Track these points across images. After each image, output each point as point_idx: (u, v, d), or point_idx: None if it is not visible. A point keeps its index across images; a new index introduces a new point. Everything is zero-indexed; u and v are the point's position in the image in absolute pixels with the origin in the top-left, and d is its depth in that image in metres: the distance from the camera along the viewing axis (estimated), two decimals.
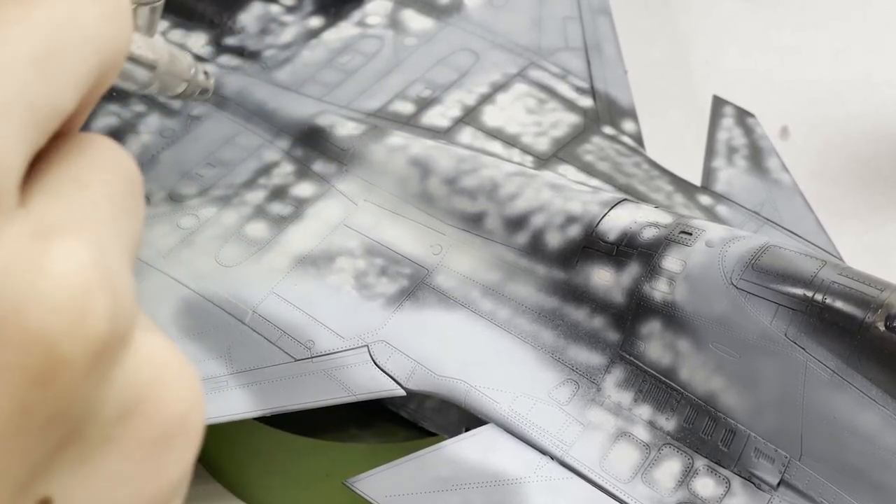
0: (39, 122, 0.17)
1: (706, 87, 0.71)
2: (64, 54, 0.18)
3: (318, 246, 0.56)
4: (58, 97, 0.18)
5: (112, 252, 0.18)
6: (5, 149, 0.16)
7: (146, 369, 0.19)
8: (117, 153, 0.20)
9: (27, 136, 0.17)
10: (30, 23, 0.17)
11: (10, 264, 0.16)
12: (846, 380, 0.44)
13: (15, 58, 0.17)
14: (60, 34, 0.18)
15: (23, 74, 0.17)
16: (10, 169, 0.17)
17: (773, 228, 0.58)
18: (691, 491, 0.47)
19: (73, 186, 0.18)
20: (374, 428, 0.55)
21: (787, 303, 0.46)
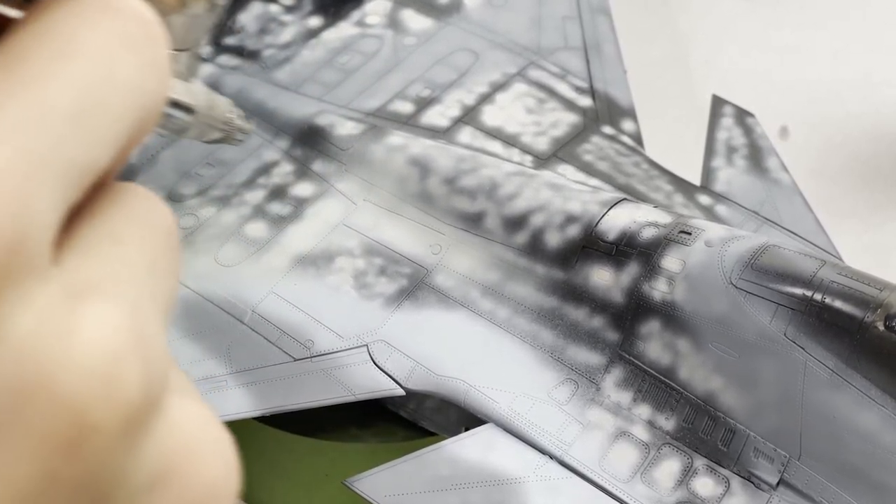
0: (75, 178, 0.17)
1: (706, 87, 0.71)
2: (101, 108, 0.17)
3: (318, 246, 0.56)
4: (94, 152, 0.17)
5: (146, 313, 0.17)
6: (39, 208, 0.16)
7: (178, 436, 0.18)
8: (154, 204, 0.19)
9: (62, 193, 0.17)
10: (66, 77, 0.17)
11: (41, 327, 0.16)
12: (845, 379, 0.44)
13: (50, 114, 0.16)
14: (97, 88, 0.17)
15: (58, 131, 0.16)
16: (44, 228, 0.16)
17: (772, 228, 0.58)
18: (690, 490, 0.47)
19: (108, 242, 0.18)
20: (373, 428, 0.55)
21: (787, 302, 0.46)
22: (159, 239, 0.19)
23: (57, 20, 0.17)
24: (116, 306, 0.17)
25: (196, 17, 0.28)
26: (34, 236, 0.16)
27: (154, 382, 0.17)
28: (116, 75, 0.18)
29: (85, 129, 0.17)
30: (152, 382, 0.17)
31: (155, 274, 0.18)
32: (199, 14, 0.27)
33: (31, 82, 0.16)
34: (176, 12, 0.27)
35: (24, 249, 0.16)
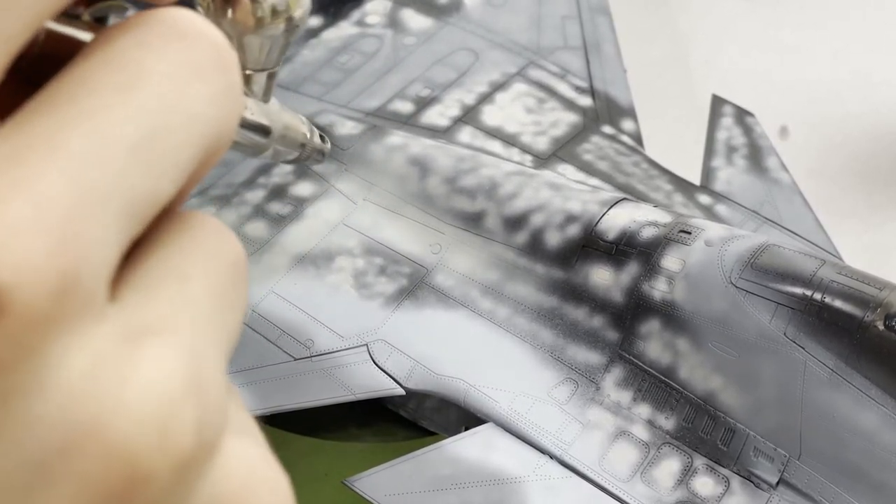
0: (137, 211, 0.16)
1: (705, 87, 0.71)
2: (166, 140, 0.16)
3: (318, 245, 0.56)
4: (158, 184, 0.16)
5: (207, 353, 0.17)
6: (96, 244, 0.15)
7: (233, 480, 0.17)
8: (222, 235, 0.18)
9: (123, 227, 0.16)
10: (130, 108, 0.16)
11: (94, 371, 0.15)
12: (845, 379, 0.44)
13: (112, 147, 0.16)
14: (163, 119, 0.16)
15: (120, 164, 0.16)
16: (101, 265, 0.15)
17: (772, 227, 0.58)
18: (690, 490, 0.47)
19: (171, 279, 0.17)
20: (373, 427, 0.55)
21: (787, 302, 0.46)
22: (225, 272, 0.18)
23: (124, 47, 0.17)
24: (175, 349, 0.16)
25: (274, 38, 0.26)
26: (89, 274, 0.15)
27: (210, 428, 0.16)
28: (184, 105, 0.17)
29: (149, 161, 0.16)
30: (208, 428, 0.16)
31: (219, 311, 0.18)
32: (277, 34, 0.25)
33: (94, 112, 0.16)
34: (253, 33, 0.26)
35: (79, 288, 0.15)
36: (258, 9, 0.25)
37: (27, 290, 0.14)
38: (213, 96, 0.17)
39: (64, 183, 0.15)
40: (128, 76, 0.16)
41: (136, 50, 0.17)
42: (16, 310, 0.14)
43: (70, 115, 0.16)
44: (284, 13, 0.25)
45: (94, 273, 0.15)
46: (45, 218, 0.15)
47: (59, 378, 0.15)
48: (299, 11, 0.25)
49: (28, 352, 0.15)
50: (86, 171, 0.15)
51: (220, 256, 0.18)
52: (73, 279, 0.15)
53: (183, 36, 0.17)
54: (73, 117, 0.16)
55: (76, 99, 0.16)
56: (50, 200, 0.15)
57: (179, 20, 0.17)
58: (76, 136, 0.15)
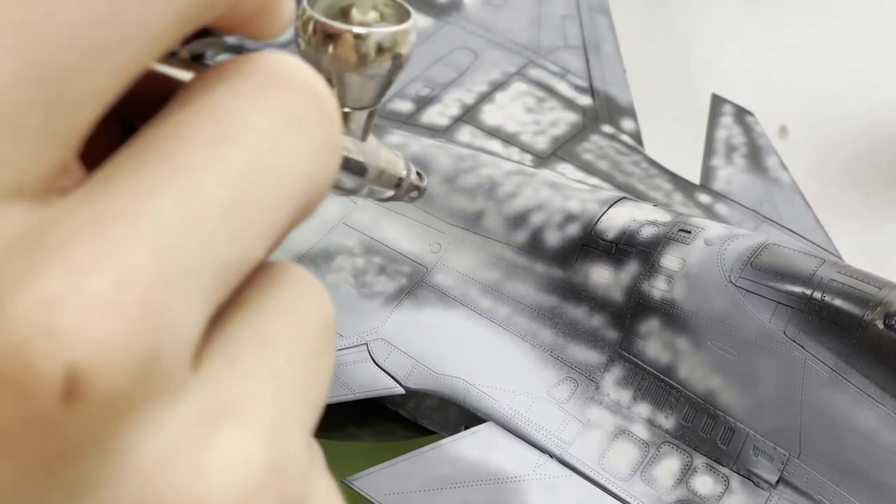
0: (226, 280, 0.15)
1: (705, 86, 0.71)
2: (261, 200, 0.15)
3: (317, 244, 0.56)
4: (250, 248, 0.15)
5: (290, 433, 0.16)
6: (183, 320, 0.14)
7: None
8: (310, 290, 0.17)
9: (210, 297, 0.15)
10: (223, 168, 0.15)
11: (172, 458, 0.14)
12: (845, 378, 0.44)
13: (202, 211, 0.14)
14: (258, 178, 0.15)
15: (210, 230, 0.14)
16: (187, 341, 0.14)
17: (771, 227, 0.58)
18: (690, 489, 0.47)
19: (254, 347, 0.16)
20: (373, 426, 0.55)
21: (786, 301, 0.46)
22: (314, 335, 0.17)
23: (219, 97, 0.15)
24: (255, 432, 0.15)
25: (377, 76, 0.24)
26: (173, 351, 0.14)
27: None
28: (281, 163, 0.15)
29: (241, 225, 0.15)
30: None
31: (305, 380, 0.16)
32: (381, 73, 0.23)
33: (184, 172, 0.14)
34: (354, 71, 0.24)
35: (161, 368, 0.14)
36: (362, 45, 0.23)
37: (106, 372, 0.13)
38: (312, 152, 0.16)
39: (149, 253, 0.14)
40: (222, 131, 0.15)
41: (233, 100, 0.15)
42: (93, 394, 0.13)
43: (158, 175, 0.14)
44: (390, 51, 0.23)
45: (177, 350, 0.14)
46: (128, 293, 0.13)
47: (134, 465, 0.14)
48: (406, 48, 0.23)
49: (104, 437, 0.14)
50: (173, 239, 0.14)
51: (308, 319, 0.17)
52: (156, 359, 0.14)
53: (283, 85, 0.16)
54: (161, 177, 0.14)
55: (165, 156, 0.14)
56: (133, 273, 0.13)
57: (280, 67, 0.16)
58: (163, 199, 0.14)
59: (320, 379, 0.17)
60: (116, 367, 0.13)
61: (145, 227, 0.14)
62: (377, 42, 0.23)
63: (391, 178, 0.34)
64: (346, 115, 0.27)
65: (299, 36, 0.23)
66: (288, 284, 0.17)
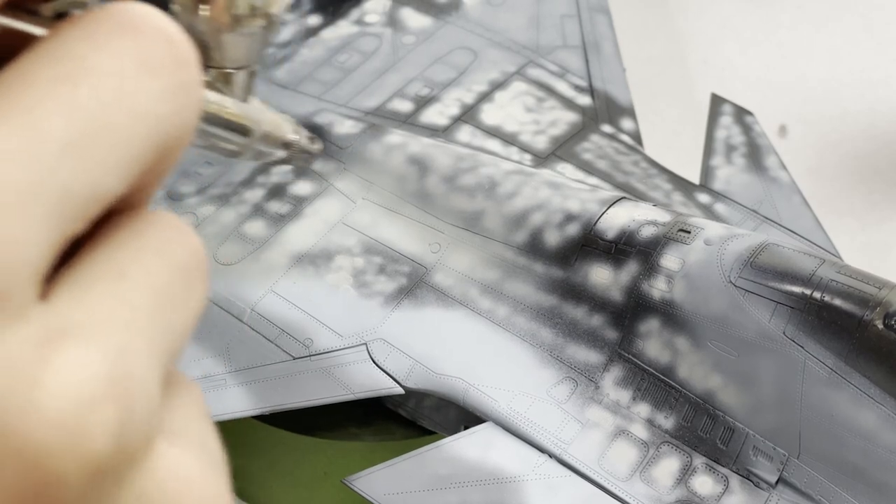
0: (72, 210, 0.16)
1: (704, 86, 0.71)
2: (107, 137, 0.16)
3: (317, 244, 0.56)
4: (98, 181, 0.16)
5: (138, 355, 0.16)
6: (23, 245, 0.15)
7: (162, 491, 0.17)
8: (176, 234, 0.18)
9: (56, 224, 0.15)
10: (66, 104, 0.15)
11: (6, 374, 0.15)
12: (845, 378, 0.44)
13: (43, 142, 0.15)
14: (103, 115, 0.16)
15: (50, 161, 0.15)
16: (26, 265, 0.15)
17: (771, 226, 0.58)
18: (690, 489, 0.47)
19: (107, 278, 0.16)
20: (372, 426, 0.55)
21: (786, 301, 0.46)
22: (173, 273, 0.17)
23: (69, 42, 0.16)
24: (98, 351, 0.15)
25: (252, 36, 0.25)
26: (13, 273, 0.15)
27: (134, 433, 0.16)
28: (129, 101, 0.16)
29: (85, 158, 0.16)
30: (131, 433, 0.16)
31: (161, 311, 0.17)
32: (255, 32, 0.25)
33: (27, 108, 0.15)
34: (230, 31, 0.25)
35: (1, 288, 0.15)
36: (234, 5, 0.24)
37: None
38: (164, 92, 0.17)
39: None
40: (66, 71, 0.16)
41: (81, 44, 0.16)
42: None
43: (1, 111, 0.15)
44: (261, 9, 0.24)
45: (15, 271, 0.15)
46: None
47: None
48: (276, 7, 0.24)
49: None
50: (11, 167, 0.15)
51: (169, 254, 0.17)
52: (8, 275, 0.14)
53: (133, 30, 0.17)
54: (2, 112, 0.15)
55: (10, 94, 0.15)
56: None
57: (131, 14, 0.17)
58: (3, 131, 0.15)
59: (181, 313, 0.17)
60: None
61: None
62: (249, 2, 0.24)
63: (277, 139, 0.35)
64: (226, 77, 0.28)
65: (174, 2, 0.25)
66: (153, 225, 0.18)
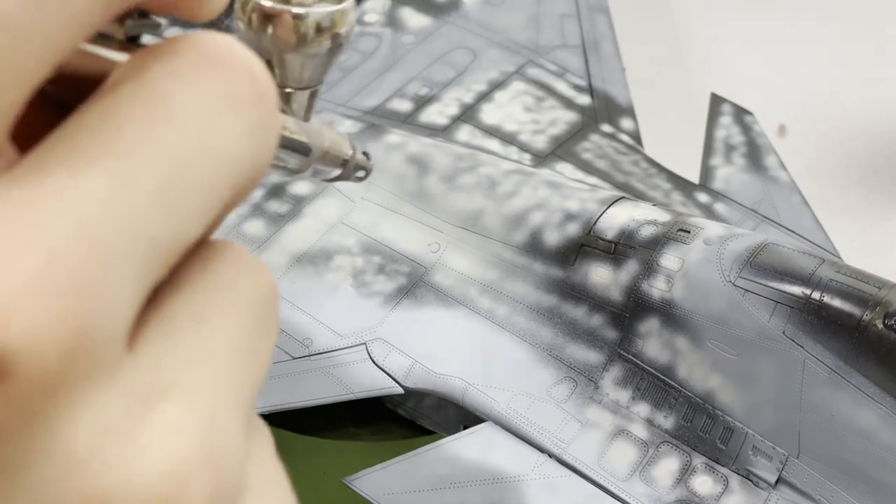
0: (160, 259, 0.15)
1: (704, 85, 0.71)
2: (194, 181, 0.15)
3: (316, 244, 0.56)
4: (183, 227, 0.15)
5: (226, 412, 0.15)
6: (115, 300, 0.14)
7: None
8: (248, 267, 0.17)
9: (144, 277, 0.15)
10: (154, 147, 0.15)
11: (104, 438, 0.14)
12: (844, 377, 0.44)
13: (133, 191, 0.14)
14: (191, 158, 0.15)
15: (141, 209, 0.14)
16: (119, 321, 0.14)
17: (771, 226, 0.58)
18: (689, 489, 0.47)
19: (190, 325, 0.15)
20: (372, 426, 0.55)
21: (786, 300, 0.46)
22: (252, 314, 0.16)
23: (152, 78, 0.15)
24: (191, 411, 0.15)
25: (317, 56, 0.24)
26: (104, 331, 0.14)
27: (225, 497, 0.15)
28: (216, 143, 0.15)
29: (174, 205, 0.15)
30: (223, 497, 0.15)
31: (242, 358, 0.16)
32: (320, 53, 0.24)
33: (114, 154, 0.14)
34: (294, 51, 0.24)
35: (92, 347, 0.14)
36: (301, 25, 0.23)
37: (36, 352, 0.13)
38: (247, 132, 0.16)
39: (79, 232, 0.14)
40: (154, 111, 0.15)
41: (165, 80, 0.15)
42: (22, 374, 0.13)
43: (88, 155, 0.14)
44: (329, 30, 0.23)
45: (109, 329, 0.14)
46: (58, 273, 0.13)
47: (65, 446, 0.14)
48: (345, 28, 0.23)
49: (33, 418, 0.13)
50: (103, 218, 0.14)
51: (245, 296, 0.16)
52: (87, 339, 0.14)
53: (218, 65, 0.16)
54: (91, 157, 0.14)
55: (96, 136, 0.14)
56: (63, 253, 0.13)
57: (214, 46, 0.16)
58: (94, 178, 0.14)
59: (259, 358, 0.17)
60: (46, 347, 0.13)
61: (75, 206, 0.14)
62: (316, 22, 0.23)
63: (336, 157, 0.35)
64: (287, 96, 0.28)
65: (238, 18, 0.24)
66: (226, 262, 0.17)
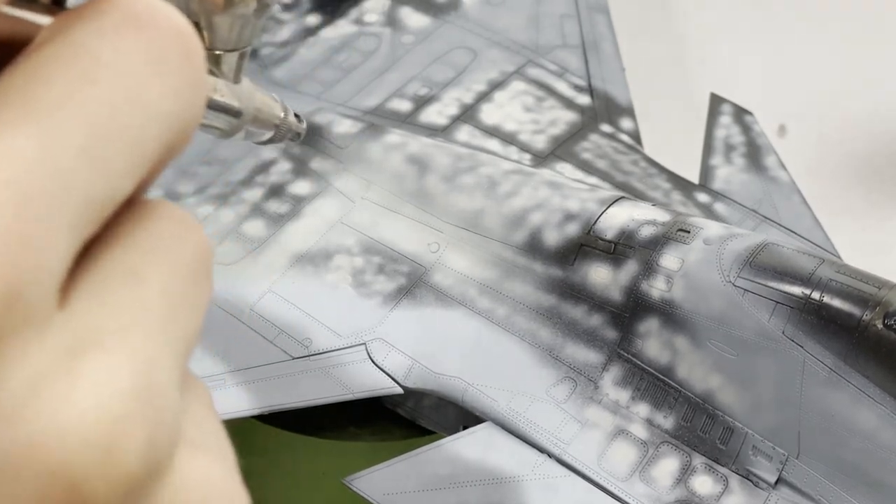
0: (90, 214, 0.15)
1: (704, 85, 0.71)
2: (122, 138, 0.15)
3: (316, 244, 0.56)
4: (113, 183, 0.15)
5: (160, 364, 0.16)
6: (44, 253, 0.14)
7: (190, 498, 0.16)
8: (184, 227, 0.17)
9: (74, 232, 0.15)
10: (82, 106, 0.15)
11: (36, 388, 0.14)
12: (844, 377, 0.44)
13: (61, 148, 0.14)
14: (119, 116, 0.15)
15: (69, 166, 0.14)
16: (50, 275, 0.14)
17: (770, 226, 0.58)
18: (689, 489, 0.47)
19: (124, 280, 0.16)
20: (371, 426, 0.55)
21: (785, 300, 0.46)
22: (186, 270, 0.17)
23: (78, 37, 0.15)
24: (123, 361, 0.15)
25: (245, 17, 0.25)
26: (36, 287, 0.14)
27: (160, 446, 0.15)
28: (142, 100, 0.16)
29: (102, 161, 0.15)
30: (158, 446, 0.15)
31: (176, 313, 0.16)
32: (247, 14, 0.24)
33: (42, 111, 0.15)
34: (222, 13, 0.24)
35: (24, 302, 0.14)
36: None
37: None
38: (174, 90, 0.16)
39: (9, 191, 0.14)
40: (81, 70, 0.15)
41: (91, 40, 0.15)
42: None
43: (16, 114, 0.14)
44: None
45: (40, 285, 0.14)
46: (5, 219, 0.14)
47: (3, 392, 0.14)
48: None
49: None
50: (33, 176, 0.14)
51: (179, 252, 0.17)
52: (17, 293, 0.14)
53: (144, 25, 0.16)
54: (19, 117, 0.14)
55: (23, 96, 0.15)
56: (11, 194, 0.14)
57: (140, 6, 0.16)
58: (22, 137, 0.14)
59: (193, 313, 0.17)
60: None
61: (4, 165, 0.14)
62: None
63: (267, 120, 0.35)
64: (217, 58, 0.28)
65: None
66: (161, 221, 0.17)
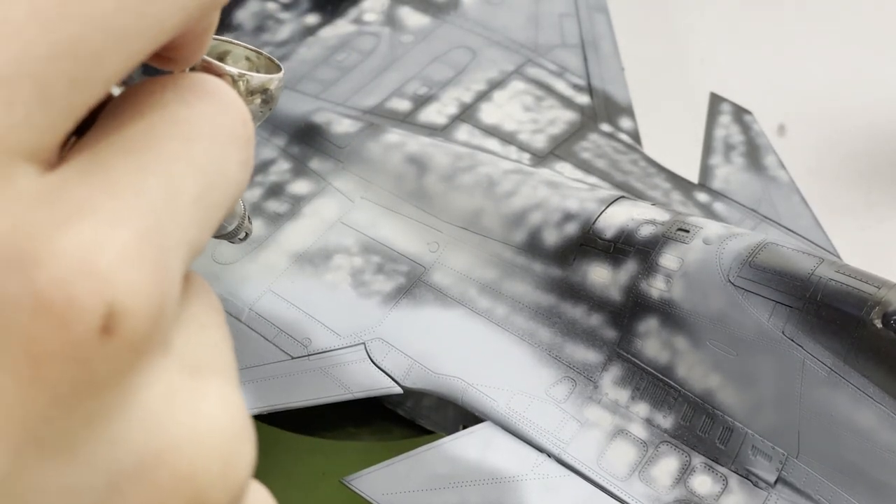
0: (190, 259, 0.17)
1: (703, 85, 0.71)
2: (212, 197, 0.17)
3: (315, 243, 0.56)
4: (203, 236, 0.17)
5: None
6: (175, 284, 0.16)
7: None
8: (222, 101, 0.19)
9: (183, 269, 0.17)
10: (191, 162, 0.17)
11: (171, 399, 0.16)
12: (843, 377, 0.44)
13: (181, 196, 0.16)
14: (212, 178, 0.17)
15: (187, 214, 0.16)
16: (174, 303, 0.16)
17: (770, 226, 0.58)
18: (688, 488, 0.47)
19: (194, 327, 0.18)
20: (371, 426, 0.55)
21: (785, 300, 0.45)
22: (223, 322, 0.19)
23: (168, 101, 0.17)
24: (232, 386, 0.17)
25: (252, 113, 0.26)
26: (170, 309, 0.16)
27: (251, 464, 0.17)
28: (225, 168, 0.17)
29: (202, 214, 0.17)
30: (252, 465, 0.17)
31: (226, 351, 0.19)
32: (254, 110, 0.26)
33: (164, 160, 0.16)
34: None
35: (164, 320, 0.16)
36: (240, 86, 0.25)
37: (136, 314, 0.15)
38: (241, 163, 0.18)
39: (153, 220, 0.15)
40: (185, 131, 0.17)
41: (182, 107, 0.17)
42: (124, 331, 0.15)
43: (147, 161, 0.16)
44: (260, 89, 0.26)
45: (172, 307, 0.16)
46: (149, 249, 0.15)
47: (142, 403, 0.16)
48: (275, 84, 0.26)
49: (124, 374, 0.15)
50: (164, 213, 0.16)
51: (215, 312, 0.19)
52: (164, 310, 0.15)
53: (218, 101, 0.18)
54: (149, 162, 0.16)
55: (146, 145, 0.16)
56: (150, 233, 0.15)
57: (214, 86, 0.18)
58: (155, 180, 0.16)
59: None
60: (143, 310, 0.15)
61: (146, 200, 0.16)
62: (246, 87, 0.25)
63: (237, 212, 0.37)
64: None
65: None
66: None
